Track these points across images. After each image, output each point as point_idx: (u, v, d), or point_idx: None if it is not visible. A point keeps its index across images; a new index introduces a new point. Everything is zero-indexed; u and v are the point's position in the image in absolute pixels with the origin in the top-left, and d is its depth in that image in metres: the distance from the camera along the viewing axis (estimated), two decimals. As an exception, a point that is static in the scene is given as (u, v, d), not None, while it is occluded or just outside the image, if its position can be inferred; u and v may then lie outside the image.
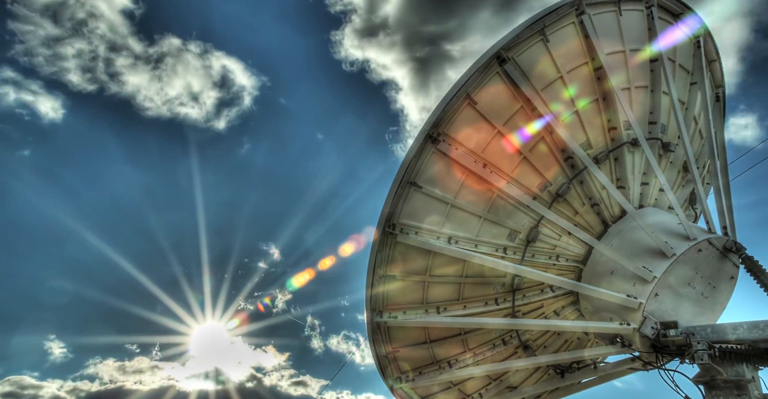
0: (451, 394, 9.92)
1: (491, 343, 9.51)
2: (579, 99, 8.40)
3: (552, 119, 7.93)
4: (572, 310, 9.31)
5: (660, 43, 8.66)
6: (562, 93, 8.25)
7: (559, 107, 8.21)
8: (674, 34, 8.99)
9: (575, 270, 8.87)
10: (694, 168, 8.59)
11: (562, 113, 8.26)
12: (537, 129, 8.12)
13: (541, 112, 7.88)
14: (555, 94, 8.17)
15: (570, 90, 8.28)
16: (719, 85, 10.23)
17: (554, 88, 8.15)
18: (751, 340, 6.44)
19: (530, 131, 8.11)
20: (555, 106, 8.15)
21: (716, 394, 6.38)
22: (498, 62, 7.60)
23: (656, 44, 8.67)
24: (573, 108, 8.38)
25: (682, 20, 9.19)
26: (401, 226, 7.99)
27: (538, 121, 8.07)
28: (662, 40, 8.68)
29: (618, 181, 8.91)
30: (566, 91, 8.27)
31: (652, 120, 9.09)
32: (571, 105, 8.35)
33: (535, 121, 8.07)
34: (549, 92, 8.11)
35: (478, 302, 8.88)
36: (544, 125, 8.10)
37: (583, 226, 8.75)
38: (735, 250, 7.92)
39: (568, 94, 8.30)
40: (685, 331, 6.70)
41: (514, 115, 7.94)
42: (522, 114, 7.97)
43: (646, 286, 7.49)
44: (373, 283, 8.25)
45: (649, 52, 8.74)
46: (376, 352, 8.86)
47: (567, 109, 8.34)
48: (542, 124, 8.09)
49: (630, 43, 8.70)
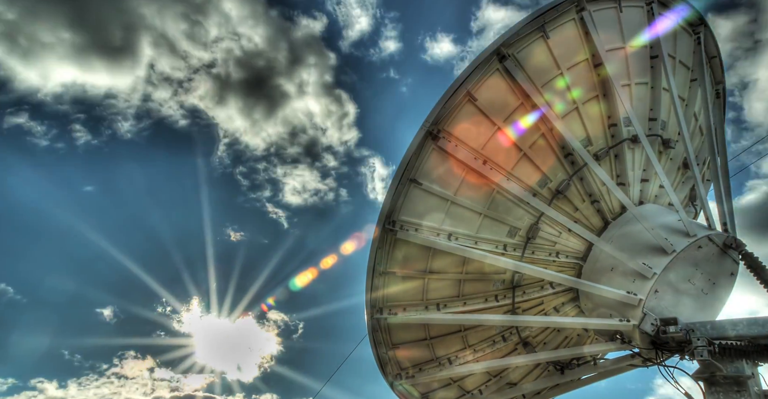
0: (451, 391, 9.94)
1: (491, 339, 9.53)
2: (579, 95, 8.39)
3: (552, 116, 7.93)
4: (572, 307, 9.32)
5: (649, 33, 8.64)
6: (562, 89, 8.24)
7: (559, 104, 8.21)
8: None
9: (575, 267, 8.88)
10: (694, 165, 8.59)
11: (562, 110, 8.26)
12: (537, 126, 8.13)
13: (541, 108, 7.87)
14: (555, 91, 8.16)
15: (570, 86, 8.28)
16: (719, 82, 10.22)
17: (554, 85, 8.14)
18: (750, 337, 6.44)
19: (530, 128, 8.12)
20: (555, 102, 8.15)
21: (716, 390, 6.39)
22: (498, 59, 7.60)
23: (645, 35, 8.66)
24: (573, 104, 8.38)
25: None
26: (401, 223, 8.00)
27: (538, 118, 8.08)
28: (653, 30, 8.65)
29: (618, 178, 8.92)
30: (566, 88, 8.26)
31: (653, 116, 9.09)
32: (571, 101, 8.35)
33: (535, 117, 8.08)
34: (549, 89, 8.10)
35: (478, 299, 8.89)
36: (544, 122, 8.11)
37: (583, 223, 8.75)
38: (735, 247, 7.93)
39: (568, 91, 8.30)
40: (684, 327, 6.70)
41: (514, 111, 7.94)
42: (522, 110, 7.97)
43: (645, 283, 7.49)
44: (373, 280, 8.27)
45: (640, 42, 8.72)
46: (376, 349, 8.88)
47: (567, 105, 8.34)
48: (542, 120, 8.10)
49: (630, 40, 8.70)
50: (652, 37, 8.73)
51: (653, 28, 8.69)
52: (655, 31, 8.63)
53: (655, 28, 8.66)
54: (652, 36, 8.72)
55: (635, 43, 8.74)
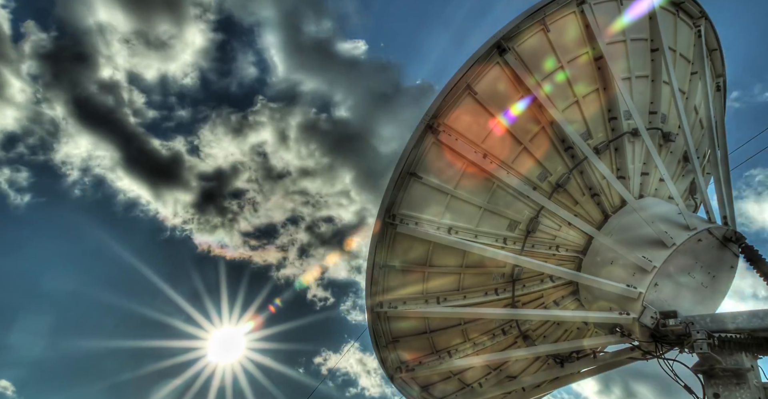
0: (451, 384, 9.97)
1: (491, 332, 9.55)
2: (579, 89, 8.37)
3: (552, 109, 7.91)
4: (572, 300, 9.33)
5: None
6: (563, 83, 8.22)
7: (559, 97, 8.19)
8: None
9: (575, 260, 8.88)
10: (694, 158, 8.58)
11: (562, 103, 8.24)
12: (537, 119, 8.12)
13: (541, 102, 7.85)
14: (555, 84, 8.14)
15: (570, 80, 8.25)
16: (720, 75, 10.20)
17: (555, 78, 8.12)
18: (750, 329, 6.45)
19: (530, 121, 8.10)
20: (555, 96, 8.13)
21: (715, 382, 6.41)
22: (498, 52, 7.57)
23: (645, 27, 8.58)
24: (573, 98, 8.36)
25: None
26: (401, 217, 8.00)
27: (539, 111, 8.06)
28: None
29: (618, 171, 8.90)
30: (566, 81, 8.24)
31: (653, 110, 9.07)
32: (571, 95, 8.33)
33: (536, 111, 8.06)
34: (549, 82, 8.08)
35: (477, 292, 8.91)
36: (544, 115, 8.10)
37: (583, 217, 8.74)
38: (735, 240, 7.93)
39: (569, 84, 8.28)
40: (684, 320, 6.71)
41: (514, 105, 7.93)
42: (522, 104, 7.96)
43: (645, 276, 7.50)
44: (374, 273, 8.28)
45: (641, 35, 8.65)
46: (376, 342, 8.90)
47: (567, 99, 8.32)
48: (542, 114, 8.08)
49: (631, 33, 8.67)
50: (654, 30, 8.64)
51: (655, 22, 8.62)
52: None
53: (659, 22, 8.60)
54: (654, 30, 8.63)
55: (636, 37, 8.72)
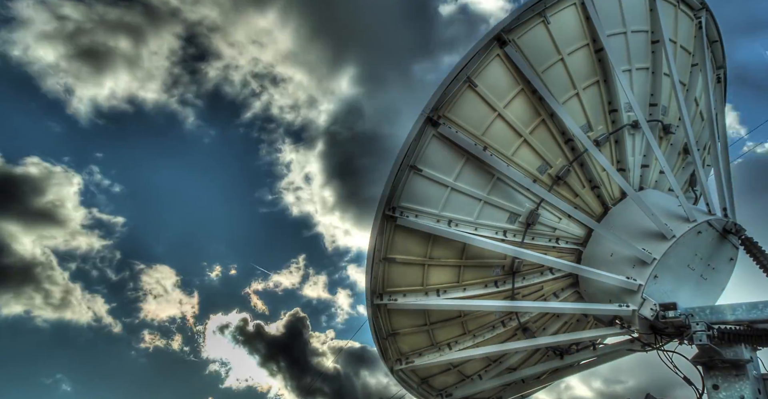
0: (451, 376, 10.01)
1: (491, 325, 9.56)
2: (580, 81, 8.35)
3: (552, 101, 7.89)
4: (572, 292, 9.35)
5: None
6: (563, 75, 8.20)
7: (559, 89, 8.17)
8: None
9: (575, 252, 8.89)
10: (694, 150, 8.58)
11: (562, 95, 8.22)
12: (537, 111, 8.11)
13: (541, 94, 7.84)
14: (556, 76, 8.12)
15: (570, 72, 8.23)
16: (720, 67, 10.18)
17: (555, 70, 8.10)
18: (749, 321, 6.49)
19: (531, 114, 8.10)
20: (556, 88, 8.11)
21: (714, 374, 6.44)
22: (498, 44, 7.55)
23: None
24: (573, 90, 8.34)
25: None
26: (401, 210, 7.99)
27: (539, 104, 8.05)
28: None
29: (618, 164, 8.90)
30: (567, 73, 8.22)
31: (653, 102, 9.05)
32: (571, 87, 8.31)
33: (536, 103, 8.05)
34: (550, 74, 8.06)
35: (477, 285, 8.91)
36: (544, 107, 8.08)
37: (583, 209, 8.74)
38: (734, 232, 7.95)
39: (569, 76, 8.26)
40: (684, 312, 6.74)
41: (514, 97, 7.91)
42: (522, 96, 7.94)
43: (645, 268, 7.51)
44: (373, 266, 8.28)
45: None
46: (376, 334, 8.92)
47: (567, 91, 8.30)
48: (542, 106, 8.07)
49: (631, 25, 8.64)
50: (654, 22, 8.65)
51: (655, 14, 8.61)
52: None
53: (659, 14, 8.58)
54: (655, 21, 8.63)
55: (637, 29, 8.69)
